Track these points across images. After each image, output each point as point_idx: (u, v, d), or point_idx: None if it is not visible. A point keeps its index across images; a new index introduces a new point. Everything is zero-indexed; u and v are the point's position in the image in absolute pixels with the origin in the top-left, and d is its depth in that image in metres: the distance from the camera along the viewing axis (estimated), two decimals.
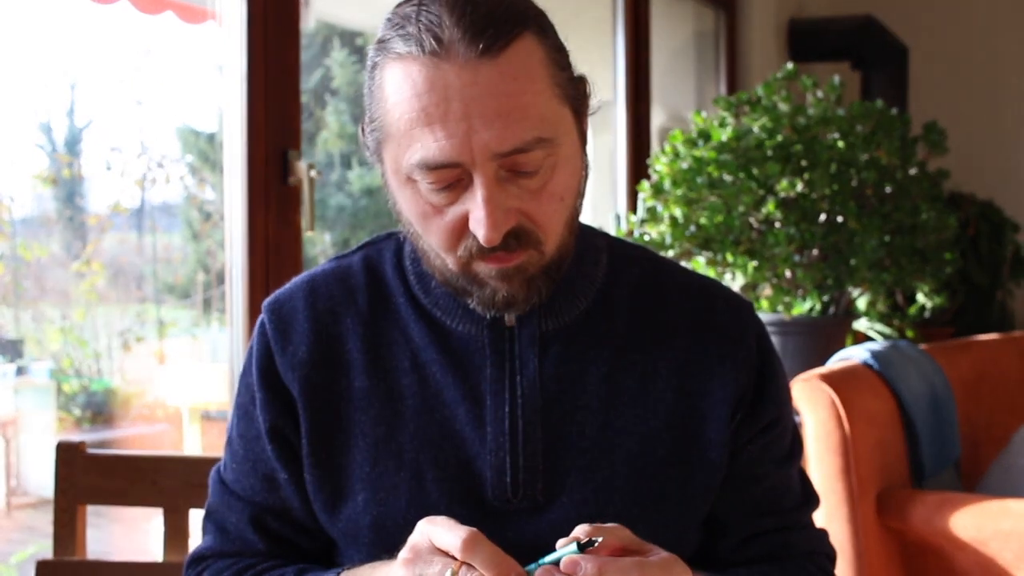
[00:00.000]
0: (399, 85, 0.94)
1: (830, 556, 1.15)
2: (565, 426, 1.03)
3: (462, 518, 0.98)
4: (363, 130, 1.02)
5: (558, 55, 0.97)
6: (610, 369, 1.04)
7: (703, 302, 1.09)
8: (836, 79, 2.71)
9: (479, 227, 0.93)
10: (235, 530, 1.08)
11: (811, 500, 1.15)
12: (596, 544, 0.87)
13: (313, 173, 2.15)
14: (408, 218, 0.99)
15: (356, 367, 1.05)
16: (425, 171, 0.93)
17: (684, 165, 2.60)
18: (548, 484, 1.02)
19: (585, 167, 1.02)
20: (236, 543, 1.08)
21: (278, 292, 1.11)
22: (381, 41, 0.97)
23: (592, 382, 1.04)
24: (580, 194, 1.01)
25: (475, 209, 0.93)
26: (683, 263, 2.65)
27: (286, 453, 1.06)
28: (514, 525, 1.01)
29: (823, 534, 1.16)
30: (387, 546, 0.99)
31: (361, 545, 1.02)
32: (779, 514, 1.11)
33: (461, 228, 0.96)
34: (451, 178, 0.94)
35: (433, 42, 0.91)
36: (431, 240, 0.98)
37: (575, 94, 0.99)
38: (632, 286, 1.08)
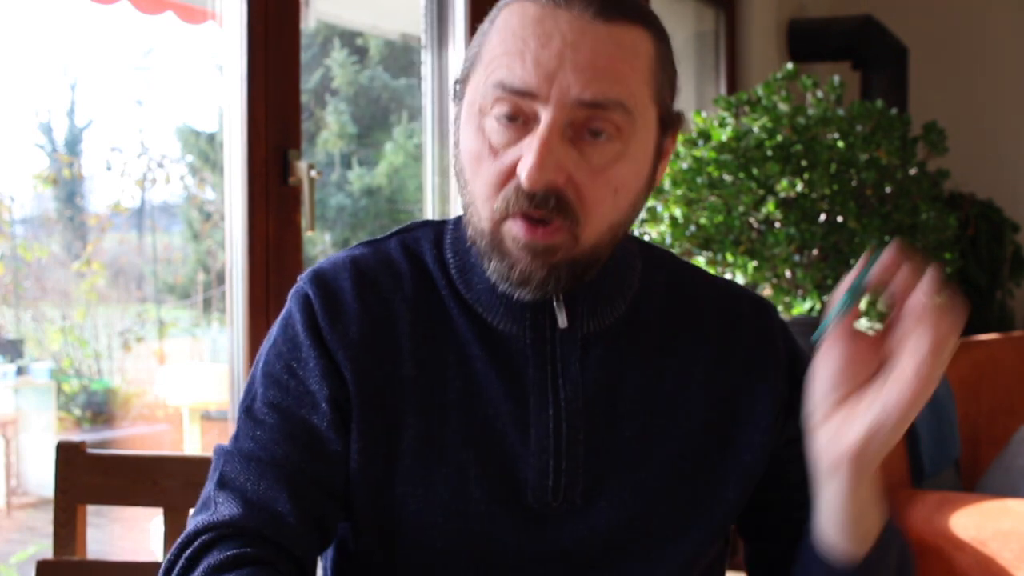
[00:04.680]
0: (509, 20, 0.96)
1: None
2: (606, 430, 1.01)
3: (501, 518, 0.99)
4: (456, 87, 1.02)
5: (665, 67, 0.99)
6: (647, 373, 1.03)
7: (730, 306, 1.09)
8: (836, 79, 2.71)
9: (525, 166, 0.92)
10: (262, 500, 0.96)
11: None
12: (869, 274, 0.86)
13: (313, 173, 2.16)
14: (464, 162, 0.98)
15: (404, 355, 1.01)
16: (501, 91, 0.93)
17: (684, 165, 2.60)
18: (587, 488, 1.00)
19: (650, 187, 1.01)
20: (263, 514, 0.96)
21: (319, 266, 1.05)
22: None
23: (631, 386, 1.03)
24: (636, 206, 1.00)
25: (528, 151, 0.92)
26: None
27: (343, 424, 0.99)
28: (551, 528, 1.00)
29: None
30: (424, 541, 0.98)
31: (395, 540, 0.99)
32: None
33: (509, 173, 0.94)
34: (521, 110, 0.93)
35: None
36: (477, 185, 0.96)
37: (667, 112, 1.00)
38: (662, 291, 1.08)
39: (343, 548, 1.06)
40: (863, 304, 0.88)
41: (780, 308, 2.59)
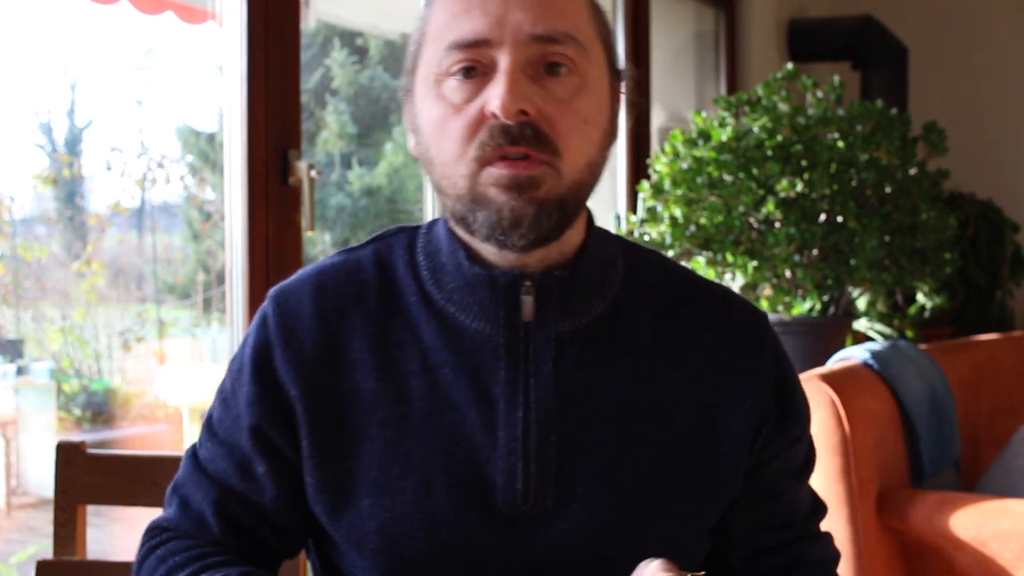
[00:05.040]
0: None
1: (835, 560, 1.14)
2: (579, 432, 1.00)
3: (471, 524, 0.98)
4: (405, 81, 1.03)
5: (599, 10, 1.02)
6: (628, 376, 1.01)
7: (720, 313, 1.07)
8: (836, 79, 2.71)
9: (496, 98, 0.93)
10: (196, 509, 1.05)
11: (820, 508, 1.14)
12: None
13: (313, 173, 2.16)
14: (428, 138, 0.99)
15: (363, 368, 1.01)
16: (457, 51, 0.95)
17: (684, 165, 2.60)
18: (560, 491, 0.99)
19: (612, 133, 1.02)
20: (194, 521, 1.05)
21: (285, 283, 1.08)
22: None
23: (608, 388, 1.01)
24: (604, 144, 1.01)
25: (495, 87, 0.94)
26: (683, 263, 2.67)
27: (267, 451, 1.03)
28: (524, 532, 0.99)
29: (829, 538, 1.15)
30: (392, 552, 0.98)
31: (366, 551, 0.99)
32: (792, 526, 1.10)
33: (478, 121, 0.95)
34: (478, 61, 0.95)
35: None
36: (447, 147, 0.96)
37: (613, 56, 1.02)
38: (650, 293, 1.06)
39: (326, 559, 1.06)
40: None
41: (780, 308, 2.59)
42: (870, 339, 3.08)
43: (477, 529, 0.98)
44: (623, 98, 1.05)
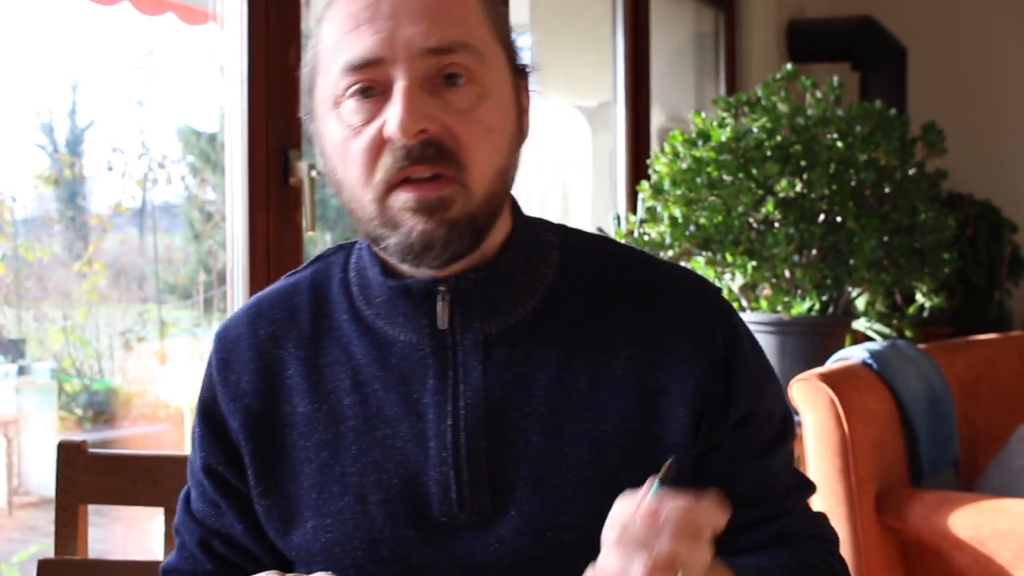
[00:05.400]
0: (336, 9, 0.95)
1: (833, 540, 1.08)
2: (511, 435, 0.97)
3: (409, 539, 0.97)
4: (305, 110, 1.00)
5: (496, 6, 0.98)
6: (559, 372, 0.98)
7: (663, 295, 1.02)
8: (835, 80, 2.72)
9: (394, 119, 0.90)
10: (189, 549, 1.08)
11: (804, 486, 1.08)
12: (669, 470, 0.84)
13: (314, 173, 2.16)
14: (332, 163, 0.97)
15: (297, 392, 1.02)
16: (350, 74, 0.92)
17: (684, 165, 2.60)
18: (496, 497, 0.97)
19: (520, 135, 0.99)
20: (190, 561, 1.08)
21: (228, 319, 1.08)
22: None
23: (540, 387, 0.98)
24: (512, 149, 0.97)
25: (392, 107, 0.91)
26: (683, 263, 2.67)
27: (222, 487, 1.05)
28: (463, 541, 0.97)
29: (822, 517, 1.09)
30: (337, 571, 0.98)
31: (314, 571, 0.97)
32: (769, 502, 1.04)
33: (379, 146, 0.92)
34: (374, 80, 0.92)
35: None
36: (350, 171, 0.94)
37: (515, 56, 0.99)
38: (586, 282, 1.02)
39: None
40: None
41: (779, 308, 2.59)
42: (869, 339, 3.08)
43: (416, 542, 0.98)
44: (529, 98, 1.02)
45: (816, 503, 2.17)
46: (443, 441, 0.98)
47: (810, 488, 1.09)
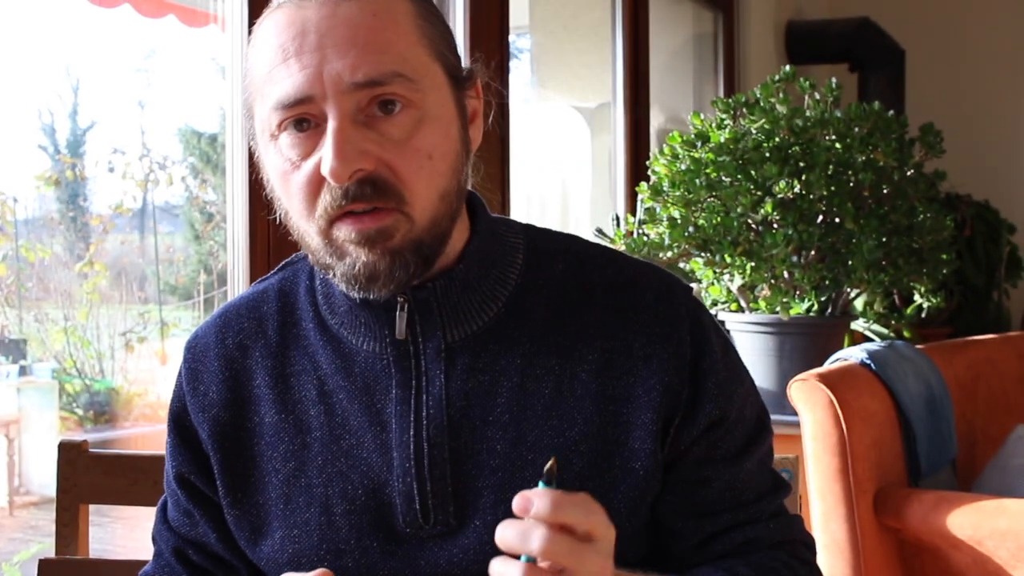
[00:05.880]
0: (264, 35, 0.92)
1: (806, 543, 1.06)
2: (474, 444, 0.96)
3: (374, 550, 0.97)
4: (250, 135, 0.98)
5: (433, 22, 0.94)
6: (522, 378, 0.96)
7: (630, 296, 0.99)
8: (833, 81, 2.72)
9: (326, 163, 0.88)
10: (165, 558, 1.08)
11: (777, 488, 1.05)
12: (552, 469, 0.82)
13: None
14: (277, 193, 0.96)
15: (265, 402, 1.01)
16: (281, 111, 0.90)
17: (682, 166, 2.61)
18: (460, 507, 0.96)
19: (466, 148, 0.96)
20: (166, 570, 1.08)
21: (198, 328, 1.08)
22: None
23: (503, 394, 0.96)
24: (456, 168, 0.94)
25: (326, 147, 0.88)
26: (681, 264, 2.68)
27: (195, 496, 1.05)
28: (428, 552, 0.97)
29: (795, 520, 1.06)
30: None
31: None
32: (736, 509, 1.01)
33: (317, 182, 0.91)
34: (307, 115, 0.90)
35: None
36: (293, 205, 0.94)
37: (454, 68, 0.95)
38: (551, 285, 1.00)
39: None
40: None
41: (778, 309, 2.60)
42: (868, 339, 3.09)
43: (380, 553, 0.97)
44: (480, 99, 0.99)
45: (815, 503, 2.18)
46: (406, 452, 0.97)
47: (784, 490, 1.06)
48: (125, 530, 4.03)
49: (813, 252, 2.57)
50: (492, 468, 0.96)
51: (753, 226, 2.57)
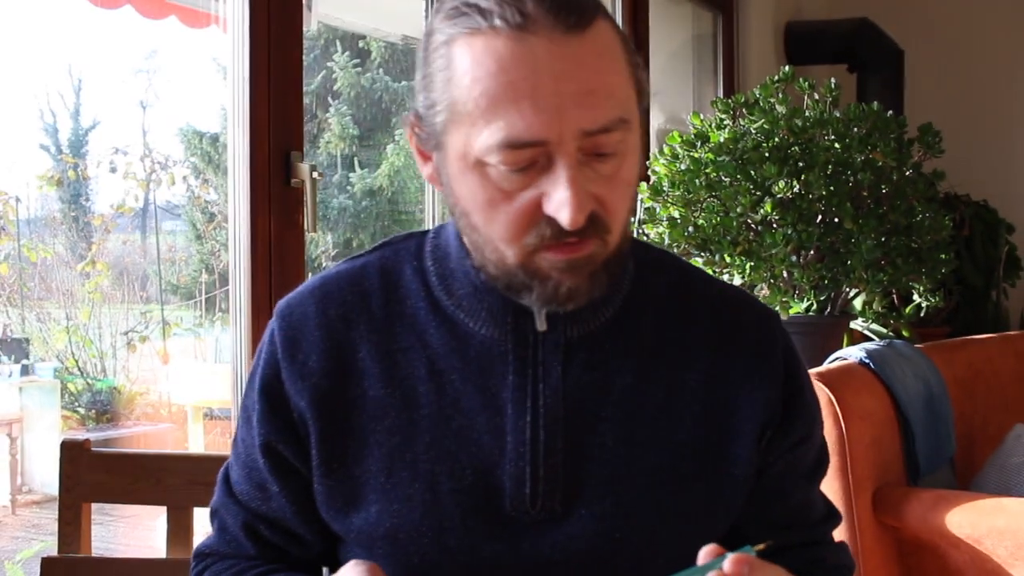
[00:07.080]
0: (479, 60, 0.89)
1: (851, 569, 1.14)
2: (587, 436, 0.99)
3: (478, 530, 0.98)
4: (417, 116, 0.96)
5: (628, 46, 0.96)
6: (635, 380, 1.01)
7: (731, 314, 1.06)
8: (832, 81, 2.73)
9: (563, 209, 0.89)
10: (231, 532, 1.08)
11: (833, 515, 1.15)
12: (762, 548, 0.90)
13: (315, 174, 2.18)
14: (468, 208, 0.94)
15: (369, 375, 1.01)
16: (508, 150, 0.89)
17: (682, 167, 2.62)
18: (567, 495, 0.99)
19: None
20: (231, 545, 1.08)
21: (290, 296, 1.07)
22: (448, 18, 0.92)
23: (616, 392, 1.00)
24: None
25: (556, 191, 0.89)
26: None
27: (279, 467, 1.04)
28: (531, 536, 0.99)
29: (845, 548, 1.16)
30: (400, 558, 0.99)
31: (376, 556, 1.00)
32: (805, 528, 1.10)
33: (532, 214, 0.91)
34: (530, 159, 0.89)
35: (518, 15, 0.88)
36: (494, 230, 0.93)
37: (644, 88, 0.97)
38: (659, 295, 1.05)
39: (341, 562, 1.07)
40: None
41: (777, 308, 2.61)
42: (867, 339, 3.10)
43: (484, 534, 0.98)
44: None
45: None
46: (521, 437, 0.99)
47: (837, 518, 1.15)
48: (127, 528, 4.05)
49: (812, 252, 2.58)
50: (602, 461, 0.99)
51: (752, 226, 2.58)
